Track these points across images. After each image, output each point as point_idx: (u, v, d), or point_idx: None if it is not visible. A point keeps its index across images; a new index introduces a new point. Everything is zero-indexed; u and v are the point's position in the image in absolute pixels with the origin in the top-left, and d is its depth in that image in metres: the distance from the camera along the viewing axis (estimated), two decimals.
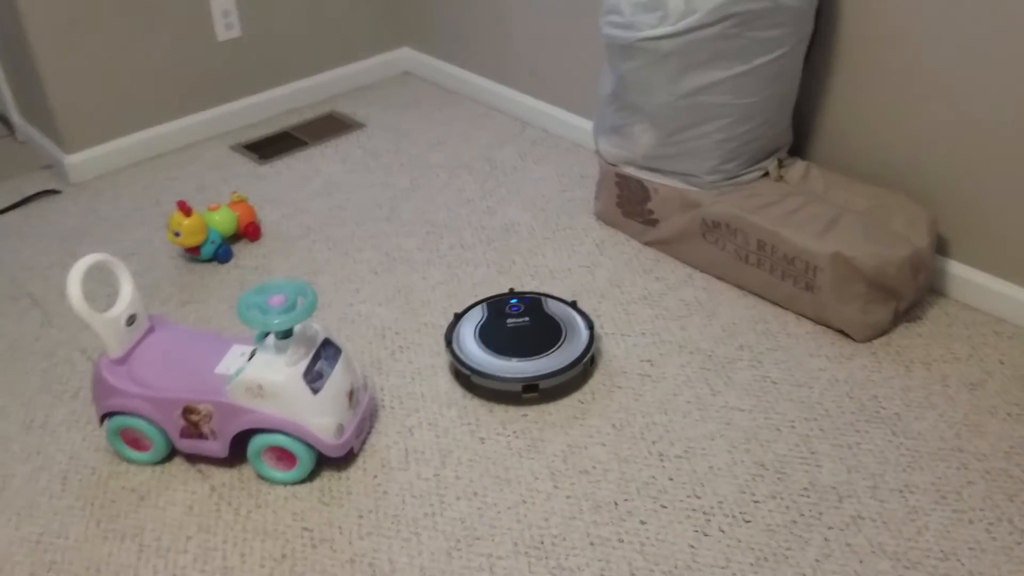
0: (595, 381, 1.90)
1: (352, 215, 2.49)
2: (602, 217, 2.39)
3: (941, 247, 2.07)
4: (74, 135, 2.64)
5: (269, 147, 2.83)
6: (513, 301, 2.01)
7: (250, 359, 1.64)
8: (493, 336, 1.92)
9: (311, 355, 1.64)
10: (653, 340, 2.00)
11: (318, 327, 1.69)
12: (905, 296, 1.96)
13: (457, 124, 2.93)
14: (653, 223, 2.23)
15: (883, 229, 1.94)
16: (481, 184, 2.60)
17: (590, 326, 1.93)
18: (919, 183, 2.06)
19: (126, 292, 1.70)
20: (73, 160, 2.65)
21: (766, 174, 2.12)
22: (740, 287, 2.13)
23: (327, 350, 1.68)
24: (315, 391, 1.62)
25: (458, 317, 1.98)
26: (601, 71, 2.57)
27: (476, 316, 1.98)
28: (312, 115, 3.03)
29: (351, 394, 1.70)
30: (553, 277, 2.22)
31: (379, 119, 2.98)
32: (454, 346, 1.90)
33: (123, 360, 1.70)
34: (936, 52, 1.91)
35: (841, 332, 2.00)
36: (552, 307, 1.99)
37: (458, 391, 1.89)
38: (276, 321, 1.57)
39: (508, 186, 2.59)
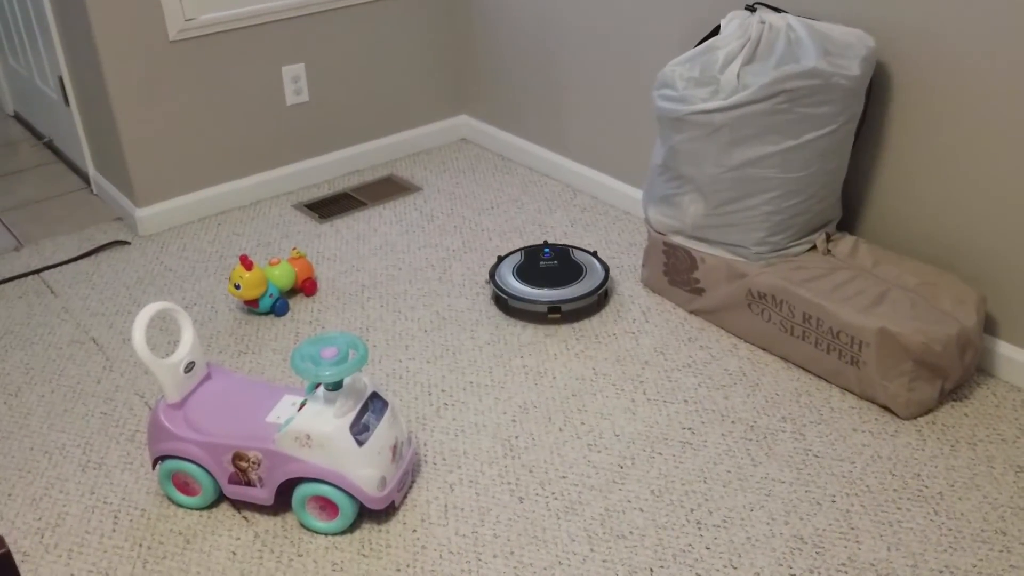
0: (635, 446, 1.91)
1: (405, 274, 2.56)
2: (648, 284, 2.42)
3: (990, 327, 2.06)
4: (145, 190, 2.76)
5: (329, 207, 2.93)
6: (546, 250, 2.49)
7: (300, 409, 1.69)
8: (527, 273, 2.40)
9: (359, 407, 1.69)
10: (695, 408, 2.02)
11: (367, 380, 1.74)
12: (951, 375, 1.95)
13: (509, 189, 3.00)
14: (699, 292, 2.26)
15: (931, 307, 1.94)
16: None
17: (606, 269, 2.39)
18: (969, 261, 2.06)
19: (187, 340, 1.77)
20: (143, 214, 2.77)
21: (814, 247, 2.14)
22: (784, 359, 2.14)
23: (375, 403, 1.73)
24: (360, 443, 1.66)
25: (500, 259, 2.47)
26: (652, 142, 2.64)
27: (515, 259, 2.48)
28: (372, 177, 3.13)
29: (395, 448, 1.74)
30: (598, 341, 2.25)
31: (435, 183, 3.07)
32: (496, 279, 2.38)
33: (180, 405, 1.76)
34: (987, 131, 1.93)
35: (886, 408, 1.99)
36: (577, 255, 2.48)
37: (499, 450, 1.91)
38: (327, 372, 1.62)
39: None
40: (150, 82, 2.66)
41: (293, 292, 2.47)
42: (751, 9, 2.07)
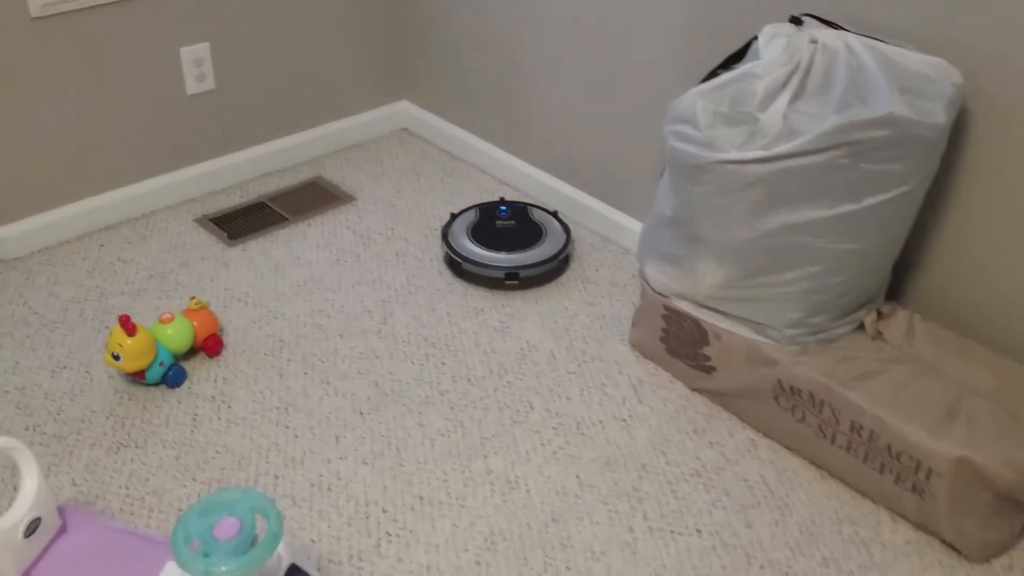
0: None
1: (336, 324, 2.04)
2: (640, 348, 1.96)
3: None
4: (8, 201, 2.18)
5: (241, 222, 2.38)
6: (503, 208, 2.29)
7: None
8: (483, 234, 2.21)
9: None
10: (713, 543, 1.57)
11: (282, 550, 1.25)
12: None
13: (461, 201, 2.49)
14: (708, 370, 1.81)
15: (1015, 422, 1.52)
16: (491, 290, 2.17)
17: (567, 231, 2.23)
18: None
19: (28, 492, 1.26)
20: (5, 233, 2.19)
21: (860, 327, 1.70)
22: (817, 465, 1.71)
23: None
24: None
25: (454, 217, 2.27)
26: (642, 160, 2.15)
27: (470, 217, 2.27)
28: (294, 181, 2.58)
29: None
30: (581, 431, 1.79)
31: (371, 191, 2.53)
32: (449, 239, 2.18)
33: None
34: None
35: (950, 546, 1.57)
36: (537, 215, 2.29)
37: None
38: (223, 569, 1.13)
39: (523, 293, 2.15)
40: (9, 69, 2.06)
41: (193, 351, 1.95)
42: (796, 22, 1.58)
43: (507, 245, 2.17)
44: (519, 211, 2.30)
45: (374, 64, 2.71)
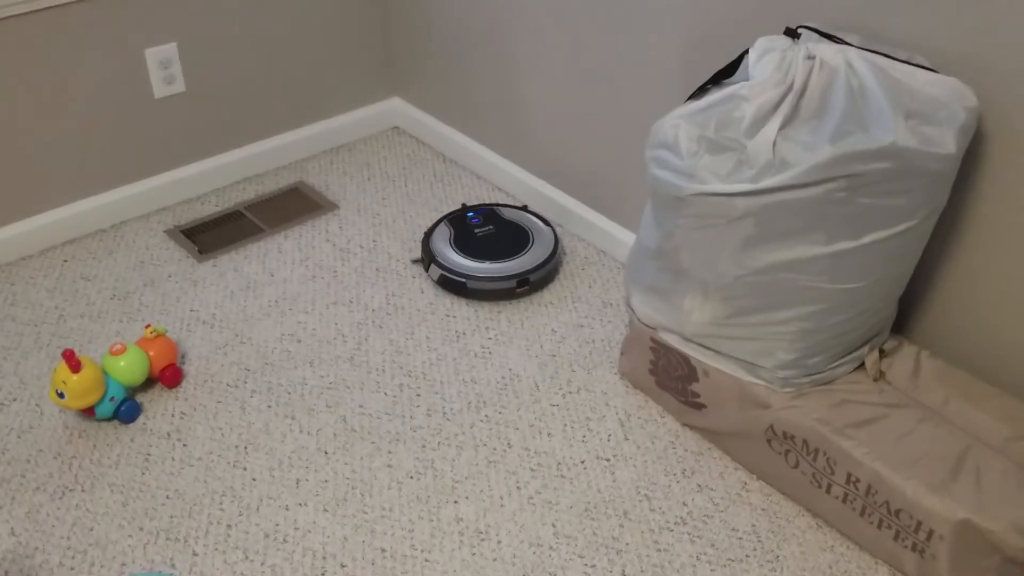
0: None
1: (306, 350, 1.93)
2: (629, 378, 1.83)
3: None
4: None
5: (214, 233, 2.26)
6: (470, 214, 2.18)
7: None
8: (470, 247, 2.09)
9: None
10: None
11: None
12: None
13: (450, 208, 2.35)
14: (698, 407, 1.67)
15: None
16: (475, 309, 2.04)
17: (548, 224, 2.15)
18: None
19: None
20: None
21: (862, 365, 1.55)
22: (812, 513, 1.57)
23: None
24: None
25: (428, 235, 2.13)
26: (637, 172, 2.01)
27: (445, 233, 2.13)
28: (274, 187, 2.45)
29: None
30: (560, 473, 1.66)
31: (355, 198, 2.40)
32: (440, 261, 2.04)
33: None
34: None
35: None
36: (508, 214, 2.19)
37: None
38: None
39: (509, 313, 2.02)
40: None
41: (151, 382, 1.83)
42: (792, 35, 1.42)
43: (502, 252, 2.07)
44: (488, 214, 2.19)
45: (363, 58, 2.57)
